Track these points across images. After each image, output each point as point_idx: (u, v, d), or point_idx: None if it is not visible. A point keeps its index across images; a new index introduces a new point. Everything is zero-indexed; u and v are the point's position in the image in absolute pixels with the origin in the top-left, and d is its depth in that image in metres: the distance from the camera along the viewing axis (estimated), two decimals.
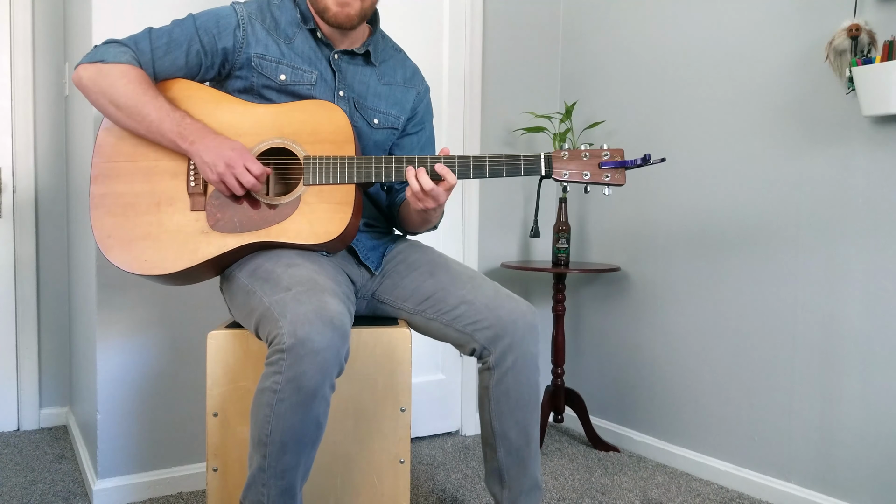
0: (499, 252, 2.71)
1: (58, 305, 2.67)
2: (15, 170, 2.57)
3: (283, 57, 1.50)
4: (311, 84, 1.51)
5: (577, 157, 1.43)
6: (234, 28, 1.48)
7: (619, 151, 1.42)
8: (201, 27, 1.47)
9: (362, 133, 1.58)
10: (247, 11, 1.50)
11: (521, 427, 1.50)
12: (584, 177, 1.43)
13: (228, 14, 1.49)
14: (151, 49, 1.45)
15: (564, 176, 1.43)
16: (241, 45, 1.48)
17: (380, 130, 1.60)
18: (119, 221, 1.44)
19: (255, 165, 1.40)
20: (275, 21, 1.52)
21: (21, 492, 2.02)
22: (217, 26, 1.48)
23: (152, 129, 1.40)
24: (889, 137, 1.80)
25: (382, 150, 1.64)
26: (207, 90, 1.50)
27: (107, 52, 1.42)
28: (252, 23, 1.49)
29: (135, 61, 1.43)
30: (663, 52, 2.38)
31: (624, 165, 1.42)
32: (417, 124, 1.69)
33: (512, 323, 1.46)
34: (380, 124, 1.60)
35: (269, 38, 1.50)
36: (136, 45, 1.44)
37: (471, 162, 1.43)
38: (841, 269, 1.91)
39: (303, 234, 1.42)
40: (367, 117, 1.58)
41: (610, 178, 1.42)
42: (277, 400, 1.23)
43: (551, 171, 1.43)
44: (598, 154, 1.43)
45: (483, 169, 1.43)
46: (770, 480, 2.07)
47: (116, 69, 1.41)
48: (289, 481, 1.28)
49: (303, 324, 1.22)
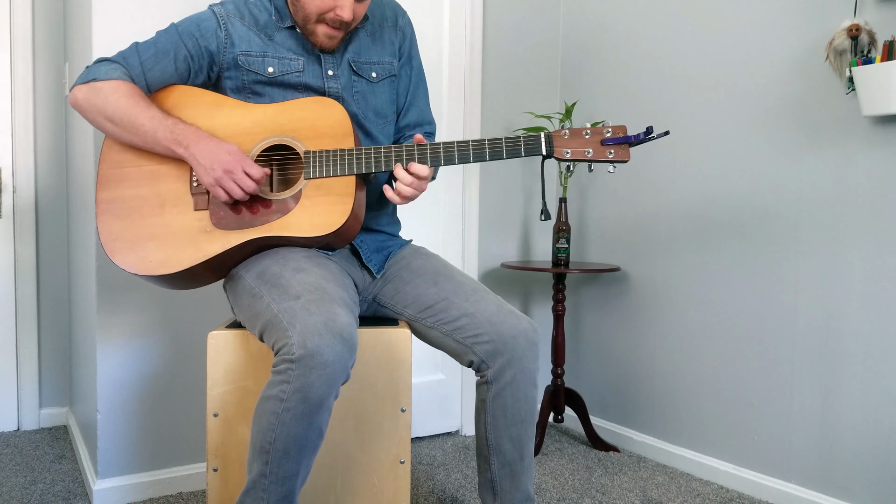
0: (499, 252, 2.71)
1: (58, 305, 2.67)
2: (15, 170, 2.57)
3: (267, 49, 1.51)
4: (300, 71, 1.52)
5: (579, 135, 1.41)
6: (214, 29, 1.50)
7: (622, 128, 1.41)
8: (184, 33, 1.50)
9: (366, 92, 1.58)
10: (224, 11, 1.52)
11: (516, 442, 1.50)
12: (587, 154, 1.41)
13: (208, 17, 1.51)
14: (140, 62, 1.47)
15: (566, 155, 1.42)
16: (225, 45, 1.50)
17: (380, 83, 1.61)
18: (125, 224, 1.46)
19: (255, 169, 1.40)
20: (254, 18, 1.53)
21: (21, 492, 2.02)
22: (199, 29, 1.50)
23: (147, 138, 1.43)
24: (889, 137, 1.80)
25: (391, 101, 1.64)
26: (207, 94, 1.52)
27: (98, 70, 1.46)
28: (231, 21, 1.51)
29: (126, 76, 1.46)
30: (663, 52, 2.38)
31: (627, 141, 1.40)
32: (406, 63, 1.69)
33: (512, 339, 1.45)
34: (378, 76, 1.60)
35: (251, 32, 1.51)
36: (126, 61, 1.48)
37: (470, 146, 1.43)
38: (841, 269, 1.91)
39: (304, 228, 1.42)
40: (365, 75, 1.58)
41: (613, 154, 1.41)
42: (283, 409, 1.24)
43: (552, 149, 1.42)
44: (600, 131, 1.41)
45: (483, 152, 1.42)
46: (770, 480, 2.07)
47: (108, 85, 1.44)
48: (289, 487, 1.29)
49: (312, 335, 1.22)
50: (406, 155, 1.44)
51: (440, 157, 1.43)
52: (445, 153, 1.43)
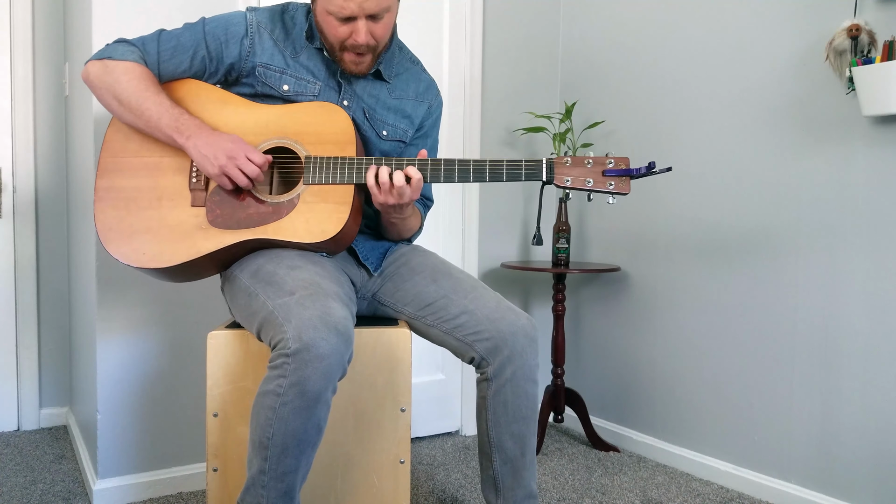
0: (499, 252, 2.71)
1: (58, 305, 2.67)
2: (15, 170, 2.57)
3: (287, 67, 1.51)
4: (315, 95, 1.52)
5: (581, 163, 1.41)
6: (241, 37, 1.50)
7: (625, 160, 1.40)
8: (209, 33, 1.50)
9: (370, 142, 1.59)
10: (257, 20, 1.51)
11: (518, 438, 1.50)
12: (587, 184, 1.40)
13: (238, 22, 1.51)
14: (158, 51, 1.48)
15: (567, 182, 1.41)
16: (248, 53, 1.50)
17: (387, 142, 1.61)
18: (121, 215, 1.46)
19: (257, 155, 1.40)
20: (285, 31, 1.52)
21: (21, 492, 2.02)
22: (225, 33, 1.50)
23: (151, 123, 1.43)
24: (889, 137, 1.80)
25: None
26: (215, 90, 1.52)
27: (115, 50, 1.47)
28: (261, 32, 1.50)
29: (141, 60, 1.47)
30: (663, 52, 2.38)
31: (629, 174, 1.38)
32: (423, 136, 1.69)
33: (512, 335, 1.45)
34: (388, 136, 1.60)
35: (276, 48, 1.51)
36: (144, 46, 1.48)
37: (471, 166, 1.42)
38: (841, 269, 1.91)
39: (299, 233, 1.42)
40: (375, 128, 1.58)
41: (614, 186, 1.40)
42: (280, 403, 1.24)
43: (553, 176, 1.41)
44: (602, 162, 1.40)
45: (483, 173, 1.42)
46: (770, 480, 2.07)
47: (121, 66, 1.45)
48: (289, 484, 1.28)
49: (308, 329, 1.22)
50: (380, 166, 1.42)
51: (440, 173, 1.43)
52: (446, 170, 1.43)
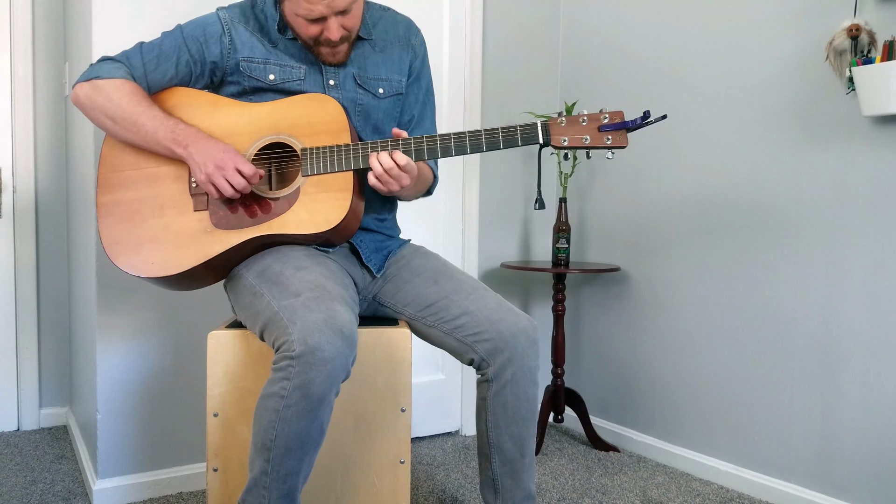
0: (499, 252, 2.71)
1: (58, 305, 2.67)
2: (15, 170, 2.57)
3: (269, 56, 1.51)
4: (301, 79, 1.52)
5: (576, 122, 1.41)
6: (219, 35, 1.50)
7: (619, 113, 1.40)
8: (188, 36, 1.50)
9: (370, 107, 1.58)
10: (230, 16, 1.52)
11: (517, 440, 1.50)
12: (585, 141, 1.40)
13: (213, 21, 1.52)
14: (143, 63, 1.49)
15: (563, 142, 1.41)
16: (229, 50, 1.51)
17: (386, 99, 1.60)
18: (126, 227, 1.46)
19: (247, 167, 1.40)
20: (259, 23, 1.53)
21: (21, 492, 2.02)
22: (204, 34, 1.50)
23: (148, 138, 1.44)
24: (889, 137, 1.80)
25: (392, 118, 1.63)
26: (204, 95, 1.52)
27: (101, 69, 1.47)
28: (236, 27, 1.51)
29: (128, 76, 1.47)
30: (663, 52, 2.38)
31: (624, 126, 1.39)
32: (415, 80, 1.68)
33: (512, 337, 1.45)
34: (385, 93, 1.60)
35: (254, 38, 1.52)
36: (129, 61, 1.49)
37: (467, 137, 1.42)
38: (841, 269, 1.91)
39: (303, 225, 1.43)
40: (371, 89, 1.58)
41: (611, 140, 1.40)
42: (284, 406, 1.24)
43: (549, 137, 1.41)
44: (596, 118, 1.40)
45: (480, 142, 1.42)
46: (770, 480, 2.07)
47: (111, 84, 1.45)
48: (290, 485, 1.29)
49: (313, 332, 1.22)
50: (403, 149, 1.43)
51: (437, 149, 1.43)
52: (442, 145, 1.43)
